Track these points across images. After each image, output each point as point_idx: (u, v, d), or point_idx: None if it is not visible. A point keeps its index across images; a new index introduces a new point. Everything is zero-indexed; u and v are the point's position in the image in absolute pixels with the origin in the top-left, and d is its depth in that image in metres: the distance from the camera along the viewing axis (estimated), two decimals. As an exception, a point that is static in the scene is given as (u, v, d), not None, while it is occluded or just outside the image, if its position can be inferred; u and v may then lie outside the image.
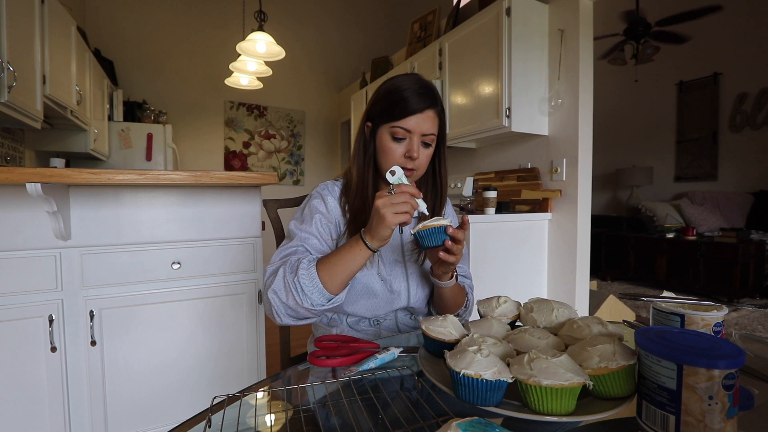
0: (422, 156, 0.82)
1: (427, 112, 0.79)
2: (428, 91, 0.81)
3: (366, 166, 0.85)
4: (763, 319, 2.96)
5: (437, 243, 0.70)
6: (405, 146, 0.80)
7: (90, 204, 1.23)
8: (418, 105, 0.78)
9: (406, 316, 0.94)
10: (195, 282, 1.36)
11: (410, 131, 0.79)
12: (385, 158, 0.82)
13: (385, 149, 0.81)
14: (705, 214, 4.05)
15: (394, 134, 0.80)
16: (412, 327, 0.94)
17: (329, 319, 0.93)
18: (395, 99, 0.79)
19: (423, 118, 0.79)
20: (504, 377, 0.44)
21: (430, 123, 0.81)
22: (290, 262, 0.73)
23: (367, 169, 0.85)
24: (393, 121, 0.79)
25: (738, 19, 4.08)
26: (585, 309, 2.17)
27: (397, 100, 0.79)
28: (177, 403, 1.34)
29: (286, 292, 0.71)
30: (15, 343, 1.14)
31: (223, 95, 4.31)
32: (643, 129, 5.01)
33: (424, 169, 0.85)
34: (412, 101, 0.78)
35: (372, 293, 0.87)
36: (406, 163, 0.81)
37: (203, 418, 0.47)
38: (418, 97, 0.79)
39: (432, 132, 0.81)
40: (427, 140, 0.81)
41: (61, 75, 2.06)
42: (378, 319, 0.91)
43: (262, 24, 2.42)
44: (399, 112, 0.79)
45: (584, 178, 2.08)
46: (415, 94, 0.79)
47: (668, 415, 0.40)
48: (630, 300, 3.35)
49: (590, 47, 2.08)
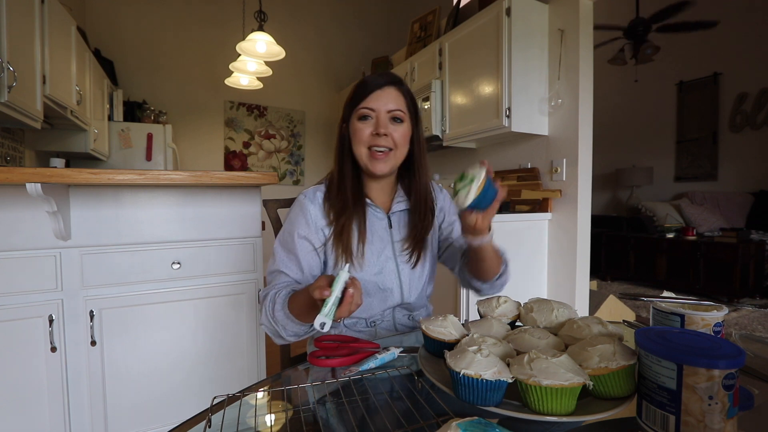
0: (395, 133, 0.82)
1: (387, 88, 0.82)
2: (387, 73, 0.85)
3: (344, 160, 0.85)
4: (763, 319, 2.96)
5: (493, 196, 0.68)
6: (371, 125, 0.81)
7: (90, 204, 1.23)
8: (377, 82, 0.82)
9: (404, 316, 0.93)
10: (195, 282, 1.35)
11: (374, 109, 0.81)
12: (356, 141, 0.83)
13: (354, 131, 0.82)
14: (705, 214, 4.05)
15: (360, 115, 0.82)
16: (409, 327, 0.93)
17: None
18: (357, 86, 0.84)
19: (384, 94, 0.81)
20: (504, 377, 0.44)
21: (393, 98, 0.82)
22: (270, 298, 0.74)
23: (345, 162, 0.85)
24: (358, 106, 0.82)
25: (738, 19, 4.08)
26: (585, 309, 2.16)
27: (359, 87, 0.83)
28: (177, 403, 1.34)
29: (272, 326, 0.74)
30: (15, 343, 1.14)
31: (223, 95, 4.31)
32: (643, 129, 5.01)
33: (403, 147, 0.84)
34: (371, 81, 0.82)
35: (364, 292, 0.86)
36: (377, 141, 0.81)
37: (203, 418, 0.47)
38: (377, 77, 0.83)
39: (398, 107, 0.82)
40: (397, 115, 0.82)
41: (61, 75, 2.06)
42: (374, 320, 0.90)
43: (262, 24, 2.43)
44: (360, 93, 0.82)
45: (584, 178, 2.08)
46: (374, 75, 0.83)
47: (668, 415, 0.40)
48: (630, 300, 3.35)
49: (590, 47, 2.08)
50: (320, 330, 0.57)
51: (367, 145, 0.82)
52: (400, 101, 0.83)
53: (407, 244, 0.89)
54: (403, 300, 0.90)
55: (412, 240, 0.89)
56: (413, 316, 0.94)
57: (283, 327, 0.72)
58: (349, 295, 0.58)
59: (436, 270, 0.99)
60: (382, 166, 0.82)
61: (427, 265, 0.93)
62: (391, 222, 0.90)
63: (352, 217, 0.84)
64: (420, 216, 0.89)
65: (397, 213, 0.91)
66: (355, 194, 0.85)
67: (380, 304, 0.89)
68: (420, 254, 0.90)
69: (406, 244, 0.89)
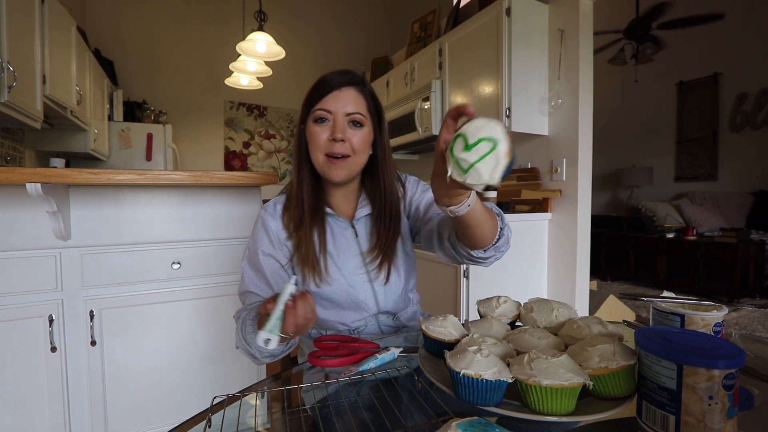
0: (354, 138, 0.75)
1: (346, 89, 0.75)
2: (348, 72, 0.78)
3: (301, 166, 0.80)
4: (763, 319, 2.96)
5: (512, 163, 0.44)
6: (328, 128, 0.75)
7: (90, 204, 1.23)
8: (336, 82, 0.75)
9: (387, 318, 0.89)
10: (195, 282, 1.35)
11: (331, 111, 0.74)
12: (312, 146, 0.77)
13: (311, 136, 0.76)
14: (705, 214, 4.05)
15: (316, 117, 0.76)
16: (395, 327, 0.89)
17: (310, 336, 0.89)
18: (315, 86, 0.77)
19: (342, 95, 0.75)
20: (504, 377, 0.44)
21: (353, 101, 0.76)
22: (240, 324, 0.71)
23: (303, 169, 0.80)
24: (314, 107, 0.76)
25: (738, 19, 4.08)
26: (585, 309, 2.16)
27: (316, 87, 0.77)
28: (177, 403, 1.34)
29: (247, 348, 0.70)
30: (15, 343, 1.14)
31: (223, 95, 4.31)
32: (643, 129, 5.01)
33: (363, 154, 0.78)
34: (329, 81, 0.75)
35: (338, 305, 0.83)
36: (333, 147, 0.74)
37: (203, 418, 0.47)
38: (337, 75, 0.76)
39: (358, 111, 0.76)
40: (356, 119, 0.76)
41: (61, 75, 2.06)
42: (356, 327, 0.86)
43: (262, 24, 2.43)
44: (318, 94, 0.76)
45: (584, 178, 2.08)
46: (333, 75, 0.76)
47: (668, 415, 0.40)
48: (630, 300, 3.35)
49: (590, 47, 2.08)
50: (265, 347, 0.54)
51: (323, 151, 0.75)
52: (361, 103, 0.77)
53: (374, 255, 0.82)
54: (379, 310, 0.86)
55: (378, 251, 0.82)
56: (398, 317, 0.90)
57: (257, 349, 0.68)
58: (288, 308, 0.55)
59: (415, 261, 0.92)
60: (340, 173, 0.76)
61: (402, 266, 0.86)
62: (357, 231, 0.84)
63: (312, 229, 0.79)
64: (385, 224, 0.82)
65: (362, 219, 0.85)
66: (313, 204, 0.79)
67: (356, 315, 0.84)
68: (390, 266, 0.83)
69: (373, 255, 0.82)
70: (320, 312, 0.83)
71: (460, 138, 0.44)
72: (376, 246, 0.82)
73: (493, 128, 0.43)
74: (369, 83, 0.80)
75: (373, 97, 0.80)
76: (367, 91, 0.79)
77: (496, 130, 0.43)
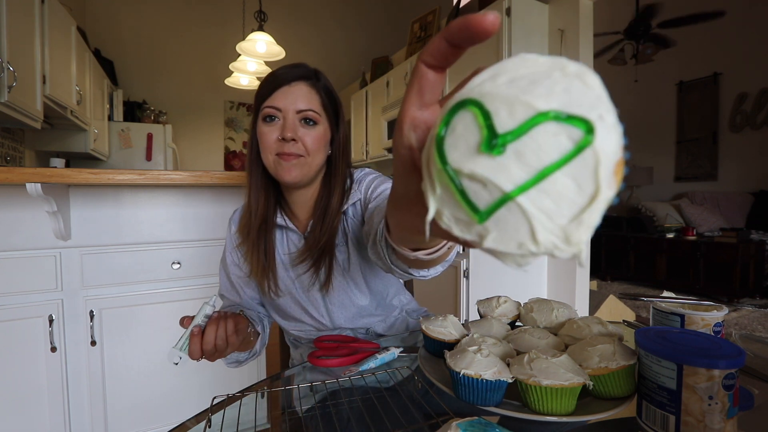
0: (306, 137, 0.68)
1: (297, 84, 0.69)
2: (300, 65, 0.71)
3: (252, 169, 0.73)
4: (763, 319, 2.96)
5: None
6: (278, 127, 0.68)
7: (90, 204, 1.23)
8: (285, 77, 0.69)
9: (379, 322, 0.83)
10: (195, 282, 1.35)
11: (280, 109, 0.68)
12: (262, 146, 0.69)
13: (260, 136, 0.69)
14: (705, 214, 4.05)
15: (264, 116, 0.69)
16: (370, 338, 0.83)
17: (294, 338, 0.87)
18: (263, 82, 0.71)
19: (293, 90, 0.68)
20: (504, 377, 0.44)
21: (305, 96, 0.69)
22: None
23: (254, 172, 0.74)
24: (263, 105, 0.69)
25: (738, 19, 4.08)
26: (585, 309, 2.16)
27: (265, 81, 0.70)
28: (177, 403, 1.34)
29: None
30: (15, 343, 1.14)
31: (223, 95, 4.31)
32: (643, 129, 5.01)
33: (318, 153, 0.71)
34: (278, 76, 0.69)
35: (294, 318, 0.81)
36: (283, 147, 0.67)
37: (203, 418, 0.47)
38: (287, 69, 0.69)
39: (310, 107, 0.69)
40: (309, 116, 0.69)
41: (61, 75, 2.06)
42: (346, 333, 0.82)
43: (262, 24, 2.43)
44: (266, 90, 0.69)
45: (584, 178, 2.07)
46: (284, 68, 0.70)
47: (668, 415, 0.40)
48: (630, 300, 3.35)
49: (590, 47, 2.08)
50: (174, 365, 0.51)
51: (274, 152, 0.68)
52: (313, 99, 0.70)
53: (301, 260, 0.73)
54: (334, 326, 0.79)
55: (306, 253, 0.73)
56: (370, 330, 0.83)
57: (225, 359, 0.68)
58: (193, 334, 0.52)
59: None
60: (292, 172, 0.68)
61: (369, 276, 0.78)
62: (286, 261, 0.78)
63: (260, 240, 0.73)
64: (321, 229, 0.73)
65: None
66: (263, 213, 0.73)
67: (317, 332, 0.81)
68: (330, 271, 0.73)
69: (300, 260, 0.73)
70: (284, 324, 0.83)
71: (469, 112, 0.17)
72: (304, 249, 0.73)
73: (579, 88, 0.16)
74: (324, 77, 0.73)
75: (328, 92, 0.73)
76: (321, 86, 0.72)
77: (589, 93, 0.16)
